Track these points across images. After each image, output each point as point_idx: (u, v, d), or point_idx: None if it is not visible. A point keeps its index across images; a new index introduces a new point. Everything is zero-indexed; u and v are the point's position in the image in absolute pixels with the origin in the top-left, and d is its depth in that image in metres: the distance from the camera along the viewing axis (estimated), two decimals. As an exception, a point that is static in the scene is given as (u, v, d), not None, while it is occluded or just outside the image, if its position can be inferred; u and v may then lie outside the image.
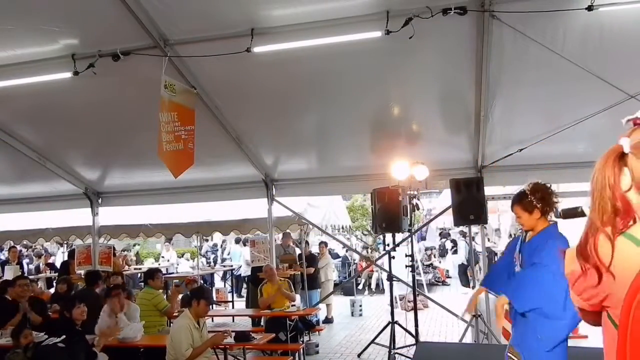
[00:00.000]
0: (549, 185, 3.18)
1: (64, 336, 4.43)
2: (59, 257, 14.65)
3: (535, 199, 3.05)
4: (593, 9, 3.86)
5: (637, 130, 1.24)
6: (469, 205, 5.98)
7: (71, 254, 9.72)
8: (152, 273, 6.65)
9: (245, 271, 11.48)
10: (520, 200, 3.12)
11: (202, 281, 11.07)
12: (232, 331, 5.48)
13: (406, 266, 6.69)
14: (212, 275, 13.50)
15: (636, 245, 1.11)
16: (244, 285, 12.59)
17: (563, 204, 2.93)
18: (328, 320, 9.41)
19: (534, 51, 4.43)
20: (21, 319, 5.60)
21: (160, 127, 4.76)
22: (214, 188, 7.65)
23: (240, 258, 13.00)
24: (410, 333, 6.63)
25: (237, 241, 13.66)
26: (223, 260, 14.90)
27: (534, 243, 3.09)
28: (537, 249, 3.03)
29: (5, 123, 6.44)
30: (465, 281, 13.02)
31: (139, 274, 11.66)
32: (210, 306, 5.01)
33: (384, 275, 11.08)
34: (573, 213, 1.81)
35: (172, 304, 6.31)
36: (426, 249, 14.78)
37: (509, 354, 3.13)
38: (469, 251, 10.61)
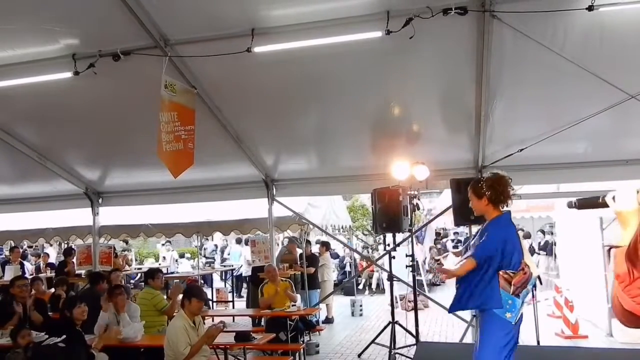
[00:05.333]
0: (507, 178, 3.37)
1: (64, 336, 4.42)
2: (53, 255, 14.67)
3: (485, 187, 3.29)
4: (593, 9, 3.85)
5: None
6: (470, 206, 5.97)
7: (67, 252, 9.72)
8: (152, 273, 6.64)
9: (246, 271, 11.48)
10: (472, 185, 3.41)
11: (202, 281, 11.08)
12: (233, 331, 5.49)
13: (406, 266, 6.69)
14: (211, 275, 13.50)
15: None
16: (244, 285, 12.60)
17: (563, 203, 2.99)
18: (328, 320, 9.41)
19: (535, 51, 4.43)
20: (21, 319, 5.60)
21: (160, 127, 4.75)
22: (214, 188, 7.65)
23: (240, 258, 13.01)
24: (410, 333, 6.63)
25: (238, 241, 13.67)
26: (223, 260, 14.90)
27: (484, 230, 3.35)
28: (481, 234, 3.33)
29: (5, 123, 6.44)
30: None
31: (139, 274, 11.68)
32: (205, 304, 4.97)
33: (385, 275, 11.08)
34: (592, 203, 1.70)
35: (173, 303, 6.31)
36: (430, 248, 14.80)
37: None
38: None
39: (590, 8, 3.85)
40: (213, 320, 7.03)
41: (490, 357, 3.17)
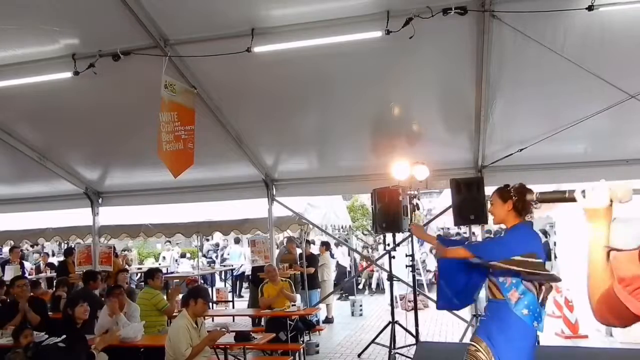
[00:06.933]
0: (533, 192, 3.31)
1: (64, 336, 4.42)
2: (50, 250, 14.68)
3: (513, 192, 3.23)
4: (593, 9, 3.86)
5: None
6: (470, 206, 5.97)
7: (68, 252, 9.72)
8: (152, 273, 6.65)
9: (248, 269, 11.48)
10: (500, 189, 3.33)
11: (202, 281, 11.08)
12: (233, 331, 5.49)
13: (406, 266, 6.69)
14: (212, 275, 13.51)
15: None
16: (245, 285, 12.60)
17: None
18: (328, 320, 9.41)
19: (534, 51, 4.43)
20: (21, 318, 5.61)
21: (160, 126, 4.76)
22: (214, 188, 7.65)
23: (240, 257, 13.02)
24: (410, 333, 6.63)
25: (237, 241, 13.67)
26: (223, 260, 14.91)
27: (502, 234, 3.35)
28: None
29: (5, 123, 6.44)
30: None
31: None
32: (209, 306, 5.00)
33: (384, 275, 11.08)
34: (555, 198, 1.62)
35: (172, 303, 6.31)
36: (431, 249, 14.82)
37: (472, 342, 3.24)
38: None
39: (590, 8, 3.85)
40: (213, 320, 7.05)
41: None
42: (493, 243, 3.40)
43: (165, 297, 6.56)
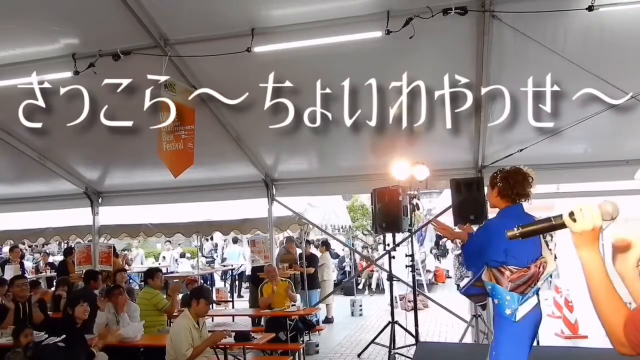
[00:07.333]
0: (527, 175, 3.26)
1: (64, 335, 4.43)
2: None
3: (499, 178, 3.24)
4: (593, 9, 3.86)
5: None
6: (469, 206, 5.97)
7: (67, 251, 9.73)
8: (151, 273, 6.65)
9: (248, 269, 11.50)
10: (491, 176, 3.40)
11: (202, 281, 11.09)
12: (232, 331, 5.50)
13: (406, 266, 6.70)
14: (212, 275, 13.52)
15: None
16: (245, 285, 12.60)
17: (563, 203, 2.96)
18: (328, 320, 9.41)
19: (534, 51, 4.43)
20: (21, 317, 5.61)
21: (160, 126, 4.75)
22: (214, 188, 7.65)
23: (239, 257, 13.02)
24: (410, 333, 6.63)
25: (235, 241, 13.69)
26: (223, 260, 14.91)
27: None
28: None
29: (5, 123, 6.44)
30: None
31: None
32: (210, 306, 5.03)
33: (384, 275, 11.08)
34: (540, 228, 1.46)
35: (173, 301, 6.31)
36: (431, 249, 14.90)
37: None
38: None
39: (590, 8, 3.86)
40: (213, 320, 7.05)
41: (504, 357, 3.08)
42: (473, 245, 3.39)
43: (165, 296, 6.56)
